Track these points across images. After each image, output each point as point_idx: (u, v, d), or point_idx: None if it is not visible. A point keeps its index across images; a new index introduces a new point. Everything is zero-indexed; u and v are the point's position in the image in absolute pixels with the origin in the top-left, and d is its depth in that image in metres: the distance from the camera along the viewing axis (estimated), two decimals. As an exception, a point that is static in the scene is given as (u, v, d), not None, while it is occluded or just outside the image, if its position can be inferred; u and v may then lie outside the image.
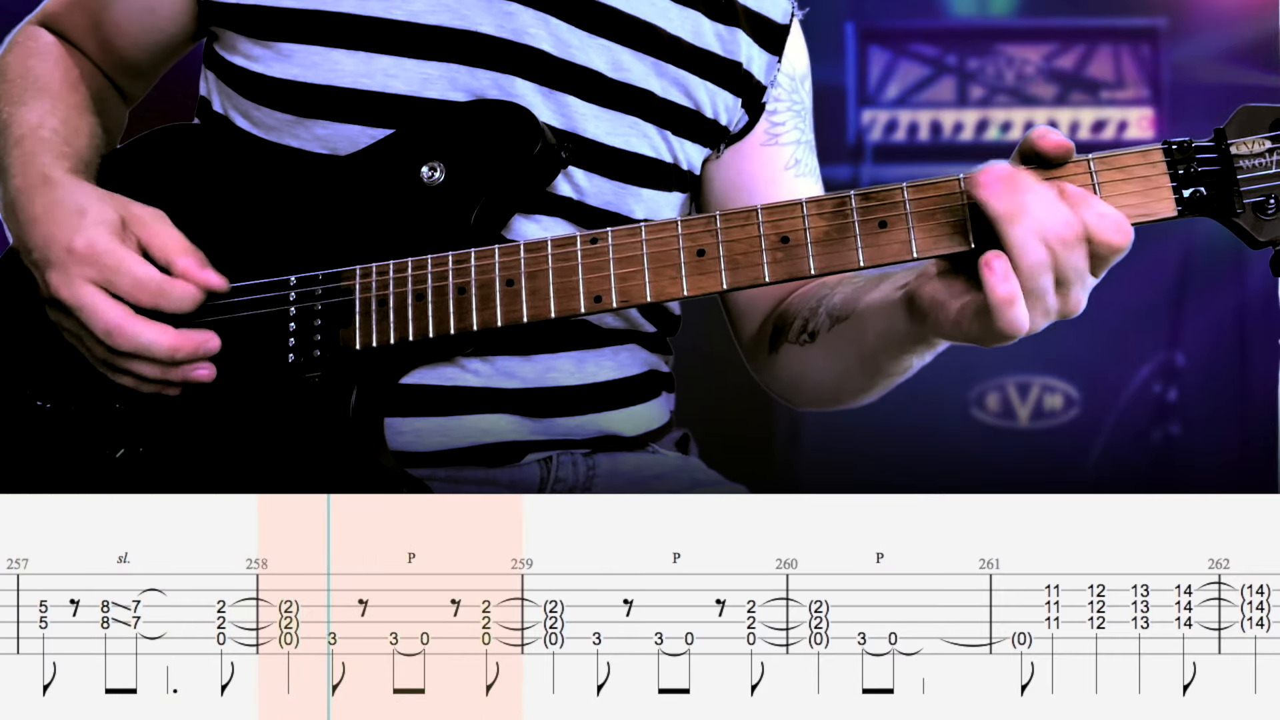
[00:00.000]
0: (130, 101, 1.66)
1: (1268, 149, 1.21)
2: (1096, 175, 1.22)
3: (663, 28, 1.48)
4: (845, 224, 1.26)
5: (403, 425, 1.40)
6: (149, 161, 1.49)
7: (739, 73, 1.53)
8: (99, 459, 1.38)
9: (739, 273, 1.28)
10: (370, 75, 1.41)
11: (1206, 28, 3.54)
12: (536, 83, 1.42)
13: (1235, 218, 1.22)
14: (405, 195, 1.38)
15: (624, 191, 1.47)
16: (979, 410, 3.59)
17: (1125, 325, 3.48)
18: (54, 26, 1.59)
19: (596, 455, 1.50)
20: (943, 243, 1.23)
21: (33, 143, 1.43)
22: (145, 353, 1.33)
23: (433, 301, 1.34)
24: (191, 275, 1.35)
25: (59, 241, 1.34)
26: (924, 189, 1.24)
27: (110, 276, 1.33)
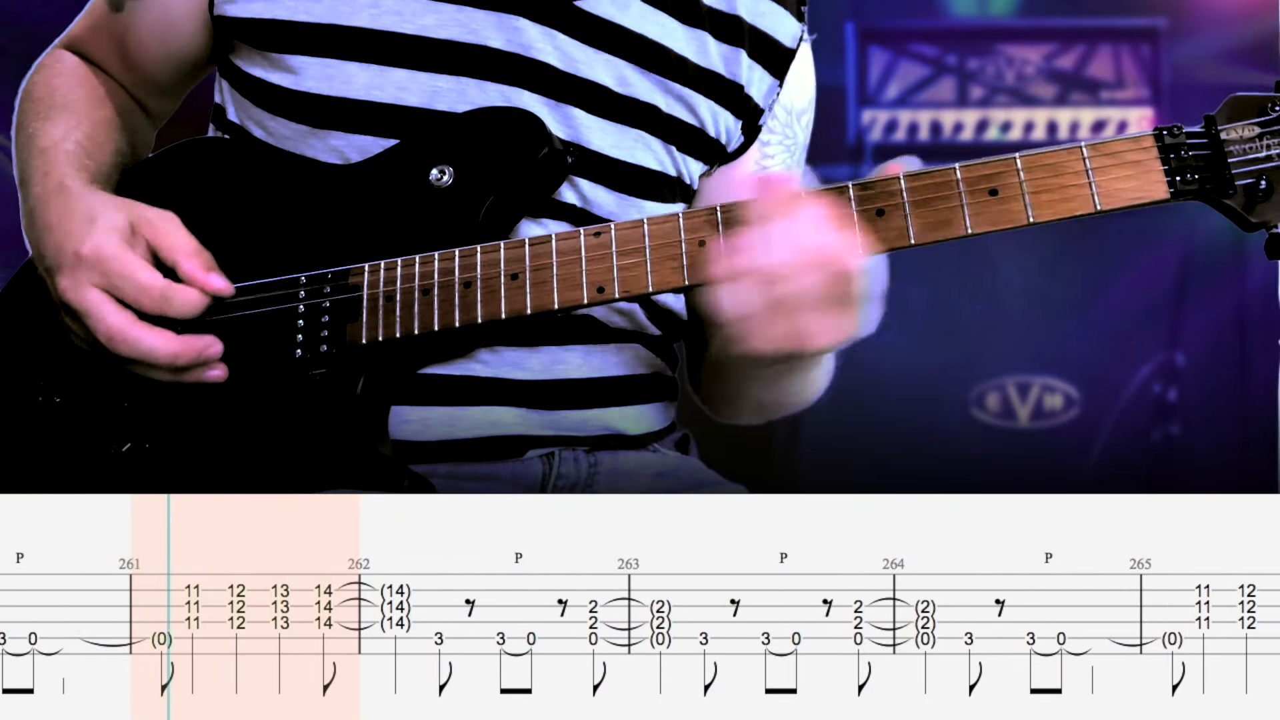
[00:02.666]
0: (156, 120, 1.70)
1: (1257, 134, 1.24)
2: (1089, 161, 1.26)
3: (670, 48, 1.49)
4: (842, 213, 1.27)
5: (409, 414, 1.41)
6: (173, 173, 1.52)
7: (740, 95, 1.54)
8: (105, 454, 1.40)
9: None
10: (383, 88, 1.43)
11: (1206, 28, 3.54)
12: (543, 95, 1.45)
13: (1227, 199, 1.25)
14: (414, 198, 1.41)
15: (627, 203, 1.49)
16: (979, 410, 3.59)
17: (1125, 325, 3.48)
18: (79, 50, 1.63)
19: (598, 453, 1.51)
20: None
21: (55, 154, 1.46)
22: (146, 359, 1.35)
23: (439, 296, 1.35)
24: (196, 279, 1.37)
25: (68, 247, 1.37)
26: (921, 177, 1.28)
27: (116, 282, 1.35)
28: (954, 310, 3.52)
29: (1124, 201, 1.24)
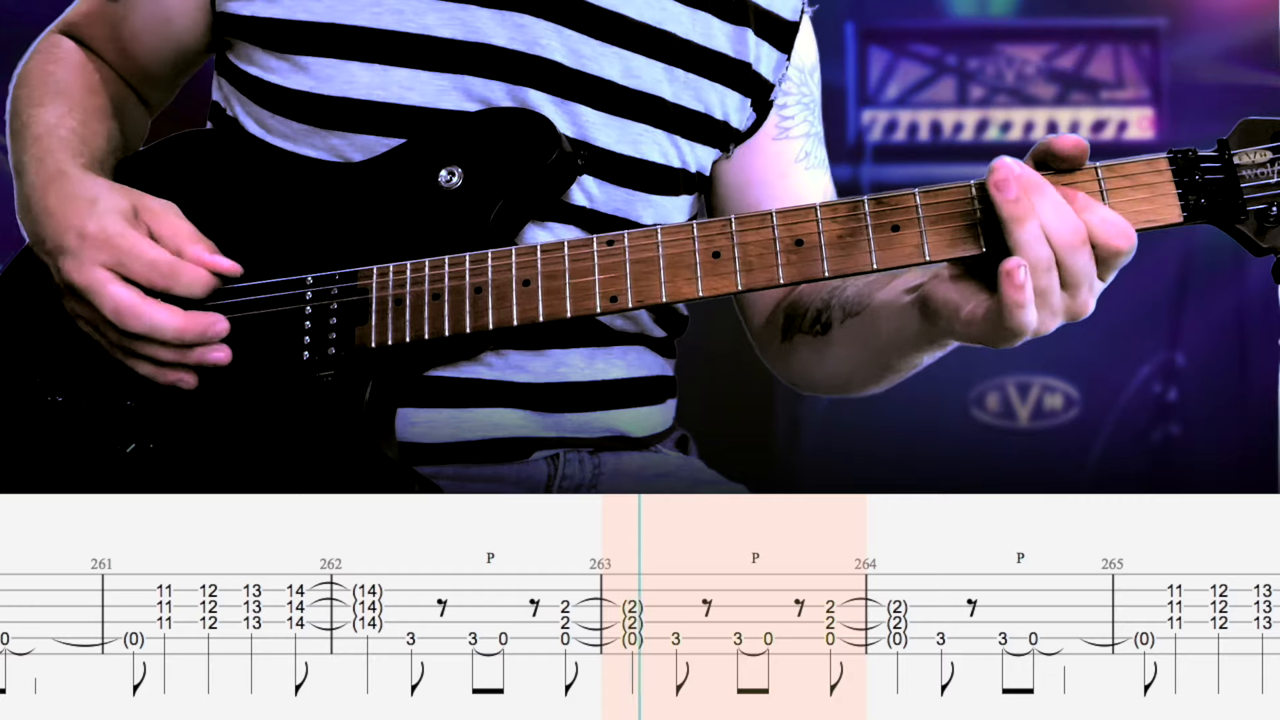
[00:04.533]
0: (152, 109, 1.69)
1: (1269, 160, 1.25)
2: (1104, 182, 1.27)
3: (675, 32, 1.49)
4: (858, 227, 1.29)
5: (415, 416, 1.41)
6: (169, 165, 1.51)
7: (748, 73, 1.55)
8: (110, 454, 1.40)
9: (754, 274, 1.31)
10: (385, 87, 1.43)
11: (1206, 28, 3.53)
12: (549, 93, 1.44)
13: (1239, 225, 1.26)
14: (423, 199, 1.40)
15: (633, 198, 1.49)
16: (979, 410, 3.59)
17: (1125, 325, 3.47)
18: (75, 35, 1.62)
19: (602, 454, 1.51)
20: (956, 246, 1.27)
21: (49, 141, 1.45)
22: (153, 333, 1.34)
23: (449, 301, 1.35)
24: (203, 260, 1.37)
25: (72, 228, 1.36)
26: (936, 194, 1.28)
27: (123, 259, 1.34)
28: (954, 310, 3.50)
29: (1138, 224, 1.25)
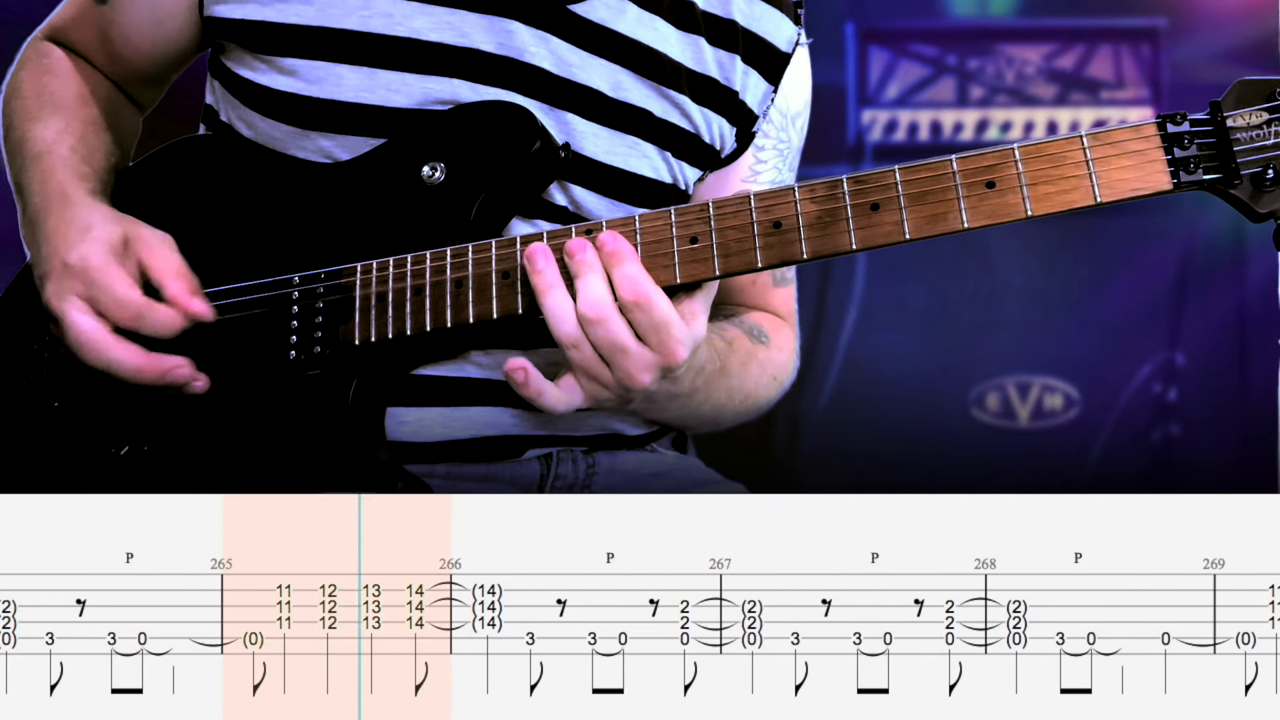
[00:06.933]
0: (143, 108, 1.69)
1: (1265, 120, 1.19)
2: (1090, 151, 1.23)
3: (665, 53, 1.49)
4: (837, 208, 1.27)
5: (405, 415, 1.41)
6: (165, 174, 1.51)
7: (735, 101, 1.54)
8: (103, 457, 1.39)
9: (732, 259, 1.30)
10: (373, 90, 1.43)
11: (1206, 28, 3.53)
12: (537, 100, 1.44)
13: (1233, 189, 1.20)
14: (407, 195, 1.40)
15: (622, 211, 1.48)
16: (979, 410, 3.58)
17: (1125, 325, 3.47)
18: (62, 40, 1.61)
19: (596, 454, 1.50)
20: (936, 223, 1.25)
21: (49, 160, 1.46)
22: (110, 371, 1.35)
23: (430, 295, 1.35)
24: (179, 301, 1.37)
25: (58, 254, 1.38)
26: (917, 170, 1.26)
27: (94, 293, 1.36)
28: (954, 310, 3.51)
29: (1125, 193, 1.21)
